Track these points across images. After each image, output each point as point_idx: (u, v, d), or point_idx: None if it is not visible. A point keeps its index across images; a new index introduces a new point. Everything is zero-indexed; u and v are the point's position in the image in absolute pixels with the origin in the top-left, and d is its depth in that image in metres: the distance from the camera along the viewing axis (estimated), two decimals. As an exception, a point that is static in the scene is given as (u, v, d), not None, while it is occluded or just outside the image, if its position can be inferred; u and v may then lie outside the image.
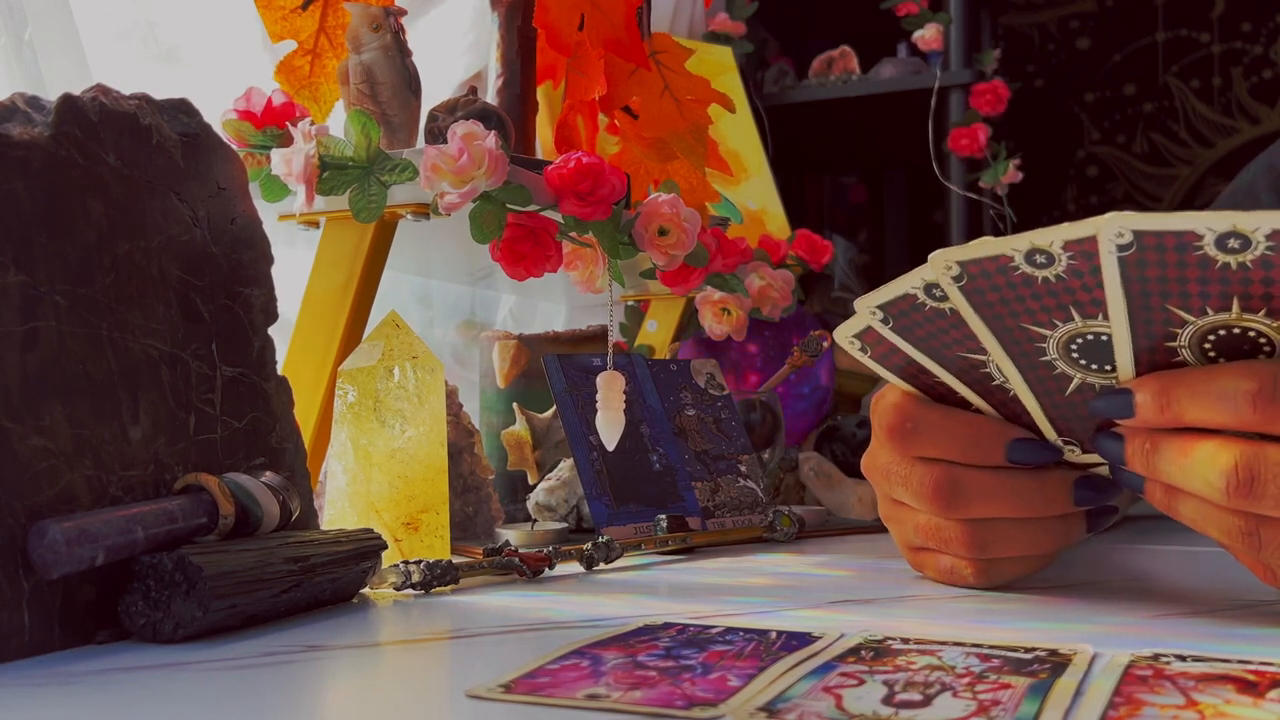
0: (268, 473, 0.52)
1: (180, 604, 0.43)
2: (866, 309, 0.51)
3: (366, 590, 0.55)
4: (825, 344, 0.99)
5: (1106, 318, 0.45)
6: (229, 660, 0.41)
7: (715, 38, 1.56)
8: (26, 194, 0.44)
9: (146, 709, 0.35)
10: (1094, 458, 0.52)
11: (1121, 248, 0.42)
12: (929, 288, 0.48)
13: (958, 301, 0.47)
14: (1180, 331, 0.45)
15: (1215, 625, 0.49)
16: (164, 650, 0.42)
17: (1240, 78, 2.28)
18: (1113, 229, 0.42)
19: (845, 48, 1.72)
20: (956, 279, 0.47)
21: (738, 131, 1.44)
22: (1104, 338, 0.46)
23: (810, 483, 0.96)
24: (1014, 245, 0.44)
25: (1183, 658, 0.40)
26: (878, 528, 0.89)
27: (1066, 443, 0.52)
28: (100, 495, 0.44)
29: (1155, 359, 0.47)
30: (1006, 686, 0.36)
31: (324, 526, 0.63)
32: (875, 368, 0.54)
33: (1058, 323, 0.47)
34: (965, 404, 0.54)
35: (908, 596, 0.56)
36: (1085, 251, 0.43)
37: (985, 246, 0.45)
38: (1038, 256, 0.44)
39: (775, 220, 1.42)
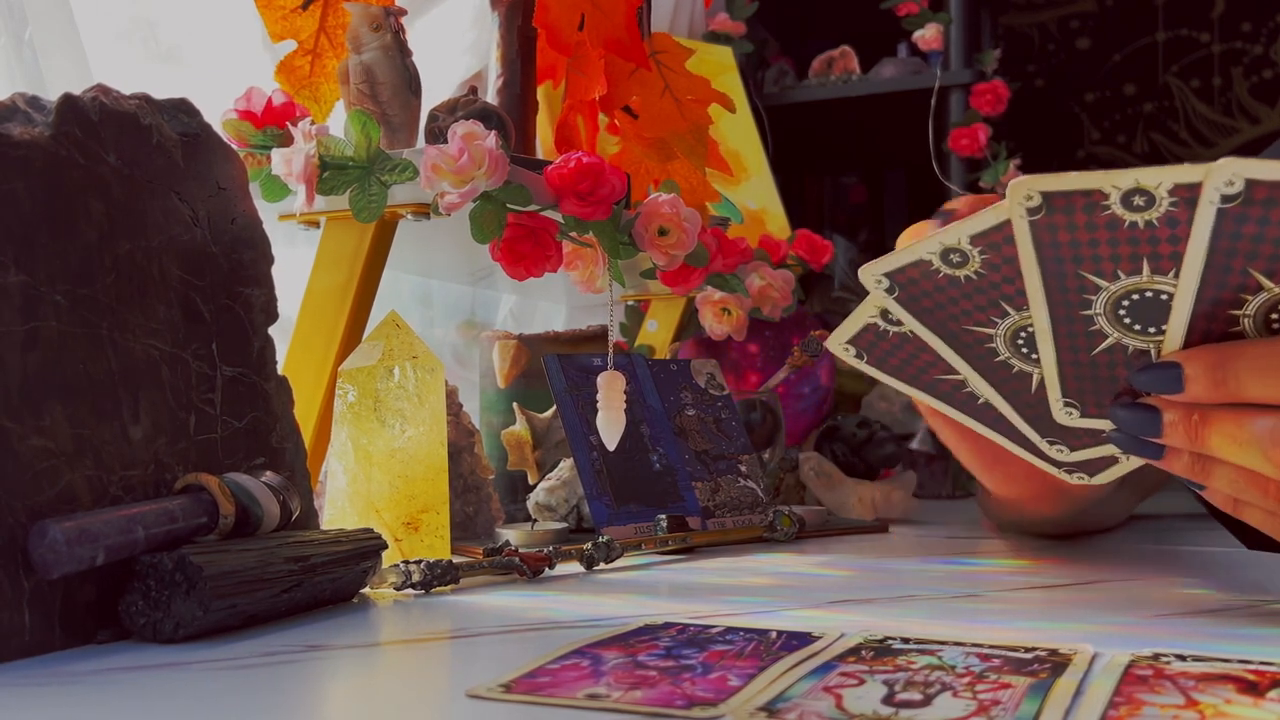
0: (268, 472, 0.52)
1: (181, 604, 0.43)
2: (872, 276, 0.49)
3: (367, 590, 0.55)
4: (825, 344, 0.99)
5: (1178, 275, 0.43)
6: (229, 660, 0.41)
7: (715, 38, 1.56)
8: (27, 194, 0.44)
9: (146, 709, 0.35)
10: (1096, 422, 0.50)
11: (1227, 198, 0.40)
12: (947, 253, 0.46)
13: (1020, 236, 0.44)
14: (1252, 299, 0.43)
15: (1215, 625, 0.49)
16: (164, 650, 0.42)
17: (1240, 78, 2.28)
18: (1224, 175, 0.39)
19: (845, 48, 1.72)
20: (1033, 210, 0.43)
21: (738, 131, 1.44)
22: (1164, 297, 0.44)
23: (810, 483, 0.96)
24: (1114, 182, 0.41)
25: (1183, 657, 0.40)
26: (878, 527, 0.89)
27: (1068, 403, 0.50)
28: (101, 495, 0.44)
29: (1211, 326, 0.45)
30: (1007, 686, 0.36)
31: (324, 526, 0.63)
32: (873, 372, 0.53)
33: (1121, 275, 0.44)
34: (962, 384, 0.52)
35: (908, 596, 0.56)
36: (1192, 199, 0.41)
37: (1079, 179, 0.42)
38: (1136, 198, 0.41)
39: (775, 220, 1.42)
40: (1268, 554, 0.67)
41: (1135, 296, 0.45)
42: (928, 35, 1.59)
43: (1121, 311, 0.46)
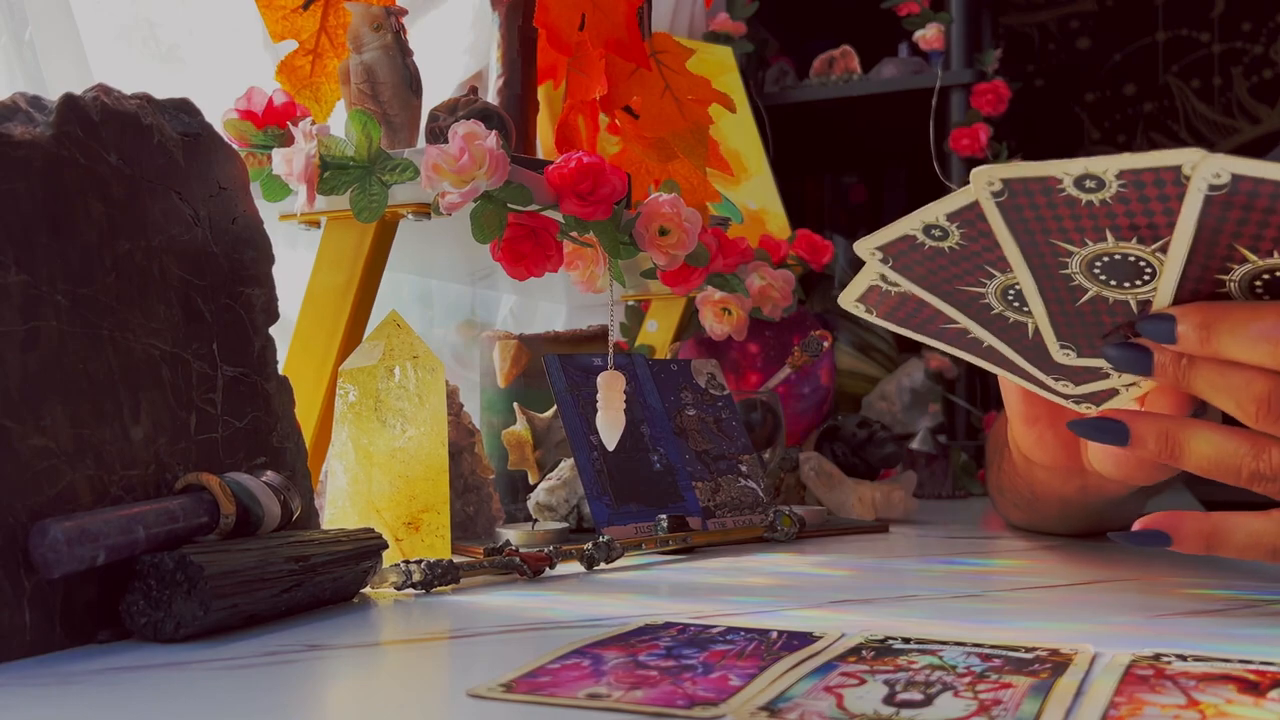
0: (269, 472, 0.52)
1: (181, 603, 0.43)
2: (867, 249, 0.52)
3: (367, 590, 0.55)
4: (825, 344, 0.99)
5: (1142, 241, 0.46)
6: (230, 660, 0.41)
7: (716, 37, 1.56)
8: (28, 194, 0.44)
9: (147, 709, 0.35)
10: (1093, 361, 0.53)
11: (1215, 188, 0.43)
12: (928, 229, 0.50)
13: (990, 214, 0.48)
14: (1237, 268, 0.47)
15: (1216, 625, 0.49)
16: (165, 650, 0.42)
17: (1240, 77, 2.28)
18: (1211, 169, 0.43)
19: (846, 47, 1.71)
20: (997, 194, 0.47)
21: (738, 131, 1.44)
22: (1131, 258, 0.47)
23: (811, 483, 0.96)
24: (1065, 169, 0.45)
25: (1184, 657, 0.40)
26: (878, 527, 0.89)
27: (1064, 346, 0.53)
28: (101, 495, 0.44)
29: (1199, 288, 0.48)
30: (1008, 686, 0.36)
31: (325, 526, 0.63)
32: (883, 324, 0.56)
33: (1089, 242, 0.47)
34: (964, 333, 0.55)
35: (908, 596, 0.56)
36: (1139, 181, 0.44)
37: (1035, 168, 0.45)
38: (1088, 181, 0.45)
39: (776, 220, 1.42)
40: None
41: (1106, 259, 0.48)
42: (928, 35, 1.59)
43: (1096, 270, 0.49)
